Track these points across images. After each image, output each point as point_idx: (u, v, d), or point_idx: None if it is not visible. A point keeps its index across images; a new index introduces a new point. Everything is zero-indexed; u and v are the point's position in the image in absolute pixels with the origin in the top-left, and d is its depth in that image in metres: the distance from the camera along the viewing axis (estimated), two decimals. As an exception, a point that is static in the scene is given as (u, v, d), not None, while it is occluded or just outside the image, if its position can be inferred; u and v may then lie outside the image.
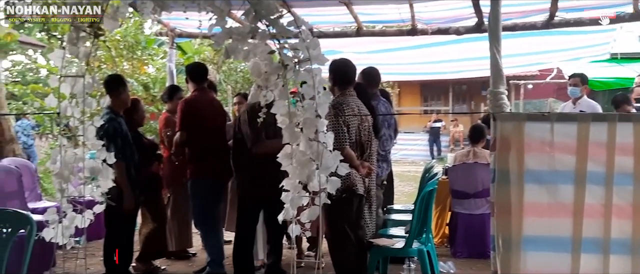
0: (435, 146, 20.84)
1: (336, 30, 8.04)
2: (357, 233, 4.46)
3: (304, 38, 3.72)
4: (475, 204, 6.04)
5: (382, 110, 5.37)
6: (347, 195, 4.36)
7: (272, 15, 3.77)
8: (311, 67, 3.70)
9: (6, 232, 2.66)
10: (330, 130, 4.23)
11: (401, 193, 10.09)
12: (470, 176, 6.14)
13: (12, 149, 8.49)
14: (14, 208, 4.48)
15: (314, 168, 3.72)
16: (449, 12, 7.03)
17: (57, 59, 4.16)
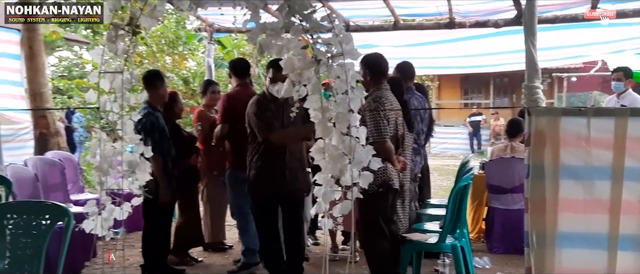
0: (475, 140, 20.57)
1: (373, 24, 8.00)
2: (390, 228, 4.46)
3: (337, 33, 3.73)
4: (513, 199, 5.97)
5: (415, 104, 5.35)
6: (383, 189, 4.36)
7: (305, 10, 3.79)
8: (344, 61, 3.71)
9: (45, 223, 2.74)
10: (371, 123, 4.25)
11: (439, 187, 10.02)
12: (507, 170, 6.07)
13: (56, 143, 8.70)
14: (57, 199, 4.64)
15: (347, 162, 3.74)
16: (487, 5, 6.94)
17: (97, 55, 4.27)
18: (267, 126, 4.72)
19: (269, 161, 4.69)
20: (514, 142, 6.26)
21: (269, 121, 4.69)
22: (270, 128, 4.70)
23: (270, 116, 4.68)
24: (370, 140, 3.99)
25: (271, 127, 4.70)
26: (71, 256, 4.85)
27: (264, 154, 4.70)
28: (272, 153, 4.67)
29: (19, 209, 2.81)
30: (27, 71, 8.53)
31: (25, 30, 8.41)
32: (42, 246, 2.73)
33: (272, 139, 4.72)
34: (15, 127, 8.30)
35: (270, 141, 4.68)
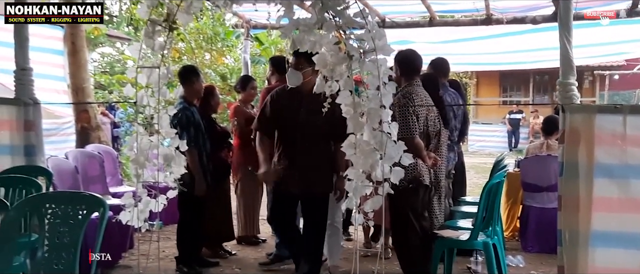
0: (514, 138, 20.27)
1: (408, 20, 7.99)
2: (422, 224, 4.46)
3: (370, 28, 3.75)
4: (548, 197, 5.89)
5: (447, 101, 5.33)
6: (414, 185, 4.36)
7: (338, 6, 3.82)
8: (376, 57, 3.73)
9: (82, 214, 2.82)
10: (400, 119, 4.26)
11: (475, 185, 9.93)
12: (543, 169, 5.99)
13: (97, 136, 8.89)
14: (96, 191, 4.76)
15: (378, 158, 3.75)
16: (525, 1, 6.87)
17: (135, 51, 4.36)
18: (260, 117, 4.73)
19: (288, 159, 4.59)
20: (550, 140, 6.18)
21: (269, 113, 4.65)
22: (262, 121, 4.69)
23: (279, 108, 4.61)
24: (399, 136, 3.99)
25: (264, 120, 4.68)
26: (108, 247, 4.99)
27: (283, 152, 4.63)
28: (290, 152, 4.59)
29: (57, 199, 2.90)
30: (69, 67, 8.72)
31: (69, 26, 8.62)
32: (78, 236, 2.81)
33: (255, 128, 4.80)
34: (59, 121, 8.50)
35: (258, 131, 4.73)
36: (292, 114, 4.52)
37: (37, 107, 4.90)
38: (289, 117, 4.53)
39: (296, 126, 4.52)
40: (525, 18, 7.06)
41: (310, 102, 4.14)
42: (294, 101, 4.51)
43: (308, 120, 4.42)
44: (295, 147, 4.54)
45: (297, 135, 4.53)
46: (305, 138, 4.51)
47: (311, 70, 4.08)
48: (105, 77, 16.46)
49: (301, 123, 4.50)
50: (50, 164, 5.37)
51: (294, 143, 4.54)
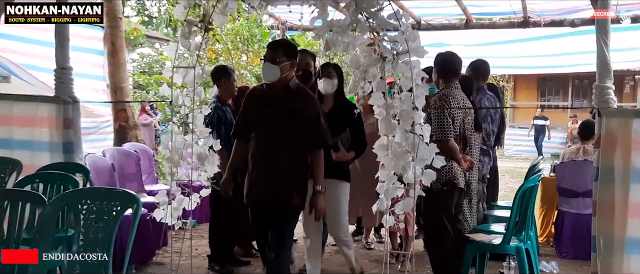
0: (536, 145, 19.24)
1: (444, 22, 7.94)
2: (455, 227, 4.43)
3: (404, 30, 3.75)
4: (584, 203, 5.78)
5: (485, 104, 5.28)
6: (448, 188, 4.34)
7: (372, 8, 3.83)
8: (410, 59, 3.72)
9: (116, 210, 2.88)
10: (435, 121, 4.24)
11: (510, 190, 9.81)
12: (579, 174, 5.89)
13: (134, 135, 9.03)
14: (132, 189, 4.85)
15: (410, 160, 3.75)
16: (563, 3, 6.77)
17: (171, 51, 4.45)
18: (237, 121, 4.15)
19: (253, 165, 3.94)
20: (587, 145, 6.08)
21: (244, 115, 4.02)
22: (238, 125, 4.08)
23: (252, 108, 3.96)
24: (433, 138, 3.98)
25: (239, 124, 4.07)
26: (143, 243, 5.09)
27: (250, 157, 3.97)
28: (254, 156, 3.94)
29: (92, 196, 2.96)
30: (109, 66, 8.88)
31: (109, 27, 8.78)
32: (112, 232, 2.87)
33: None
34: (98, 120, 8.68)
35: (233, 136, 4.12)
36: (264, 113, 3.90)
37: (76, 105, 5.02)
38: (260, 117, 3.92)
39: (266, 126, 3.87)
40: (563, 21, 6.96)
41: (282, 101, 3.81)
42: (263, 100, 3.95)
43: (273, 119, 3.83)
44: (264, 150, 3.88)
45: (260, 136, 3.90)
46: (268, 139, 3.86)
47: (289, 64, 3.81)
48: (143, 77, 16.74)
49: (264, 122, 3.88)
50: (88, 161, 5.49)
51: (264, 146, 3.89)
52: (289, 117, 3.75)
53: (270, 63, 3.74)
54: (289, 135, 3.79)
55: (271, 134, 3.81)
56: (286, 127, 3.79)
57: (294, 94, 3.79)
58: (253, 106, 3.93)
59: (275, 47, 3.84)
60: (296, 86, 3.86)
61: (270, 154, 3.82)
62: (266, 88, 3.91)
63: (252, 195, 3.94)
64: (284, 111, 3.74)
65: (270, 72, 3.70)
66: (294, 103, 3.77)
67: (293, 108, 3.74)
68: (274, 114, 3.81)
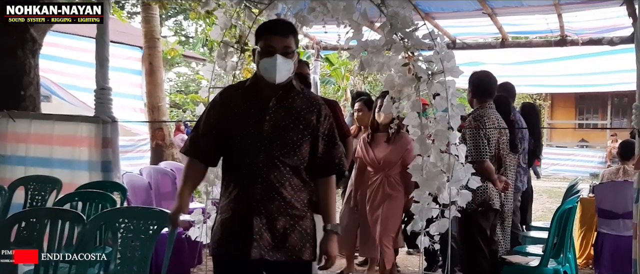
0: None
1: (480, 41, 7.89)
2: (490, 248, 4.38)
3: (439, 50, 3.75)
4: (624, 225, 5.65)
5: (519, 125, 5.22)
6: (483, 209, 4.29)
7: (407, 28, 3.84)
8: (445, 79, 3.72)
9: (152, 229, 2.92)
10: (470, 142, 4.20)
11: (548, 210, 9.65)
12: (618, 195, 5.76)
13: (171, 154, 9.17)
14: (168, 207, 4.90)
15: (445, 180, 3.73)
16: (602, 22, 6.68)
17: (207, 72, 4.52)
18: (193, 134, 2.77)
19: (236, 205, 2.60)
20: (627, 166, 5.95)
21: (210, 126, 2.68)
22: (196, 138, 2.71)
23: (227, 117, 2.63)
24: (469, 159, 3.95)
25: (199, 137, 2.70)
26: (178, 262, 5.12)
27: (233, 189, 2.63)
28: (244, 189, 2.58)
29: (129, 214, 3.01)
30: (146, 86, 9.06)
31: (146, 47, 8.97)
32: (149, 250, 2.91)
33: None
34: (135, 138, 8.85)
35: (186, 154, 2.78)
36: (250, 126, 2.58)
37: (115, 125, 5.11)
38: (244, 131, 2.59)
39: (256, 145, 2.56)
40: (601, 39, 6.86)
41: (282, 109, 2.60)
42: (253, 106, 2.63)
43: (277, 136, 2.58)
44: (254, 181, 2.55)
45: (256, 160, 2.55)
46: (270, 166, 2.56)
47: (298, 57, 2.71)
48: (180, 96, 17.02)
49: (264, 141, 2.57)
50: (125, 179, 5.58)
51: (252, 174, 2.56)
52: (297, 131, 2.58)
53: (284, 56, 2.56)
54: (297, 157, 2.60)
55: (271, 156, 2.55)
56: (293, 146, 2.58)
57: (302, 100, 2.65)
58: (232, 114, 2.62)
59: (287, 31, 2.62)
60: (302, 88, 2.71)
61: (270, 187, 2.55)
62: (253, 89, 2.65)
63: (234, 248, 2.55)
64: (289, 123, 2.58)
65: (285, 68, 2.56)
66: (304, 112, 2.61)
67: (302, 119, 2.60)
68: (279, 129, 2.58)
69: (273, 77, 2.54)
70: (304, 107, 2.64)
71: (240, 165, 2.60)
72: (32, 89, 5.67)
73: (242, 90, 2.70)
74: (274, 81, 2.55)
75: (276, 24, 2.81)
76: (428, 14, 6.31)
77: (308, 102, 2.67)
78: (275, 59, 2.53)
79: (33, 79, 5.68)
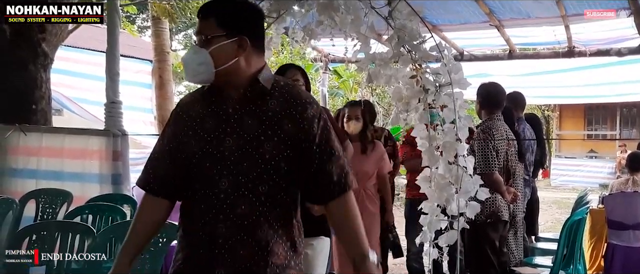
0: None
1: (488, 53, 7.92)
2: (500, 259, 4.37)
3: (446, 62, 3.76)
4: (635, 236, 5.62)
5: (527, 135, 5.23)
6: (492, 220, 4.29)
7: (414, 41, 3.85)
8: (452, 91, 3.73)
9: (162, 241, 2.95)
10: (479, 154, 4.21)
11: (557, 221, 9.62)
12: (628, 206, 5.73)
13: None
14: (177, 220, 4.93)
15: (453, 192, 3.73)
16: (609, 33, 6.70)
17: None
18: (148, 163, 2.04)
19: (195, 245, 1.93)
20: (637, 176, 5.93)
21: (165, 146, 2.01)
22: (150, 167, 2.03)
23: (185, 133, 1.96)
24: (478, 171, 3.96)
25: (154, 164, 2.02)
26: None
27: (188, 229, 1.97)
28: (202, 227, 1.90)
29: (140, 227, 3.03)
30: (156, 99, 9.11)
31: (157, 61, 9.04)
32: (158, 263, 2.93)
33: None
34: (146, 151, 8.85)
35: (142, 187, 2.06)
36: (207, 143, 1.92)
37: (125, 138, 5.15)
38: (201, 150, 1.92)
39: (216, 168, 1.89)
40: (609, 50, 6.88)
41: (249, 116, 1.91)
42: (211, 116, 1.95)
43: (244, 154, 1.89)
44: (215, 218, 1.89)
45: (217, 189, 1.88)
46: (237, 196, 1.88)
47: (236, 44, 1.92)
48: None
49: (226, 161, 1.90)
50: (135, 192, 5.60)
51: (212, 207, 1.89)
52: (272, 144, 1.87)
53: (198, 46, 1.93)
54: (274, 182, 1.89)
55: (237, 182, 1.87)
56: (268, 167, 1.88)
57: (278, 100, 1.93)
58: (188, 128, 1.95)
59: (205, 12, 1.94)
60: (278, 83, 1.97)
61: (237, 226, 1.86)
62: (211, 93, 1.97)
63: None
64: (260, 134, 1.88)
65: (195, 61, 1.90)
66: (280, 116, 1.90)
67: (279, 126, 1.89)
68: (241, 142, 1.88)
69: (186, 76, 1.97)
70: (281, 110, 1.90)
71: (197, 196, 1.90)
72: (44, 103, 5.72)
73: (200, 96, 1.99)
74: (190, 81, 2.01)
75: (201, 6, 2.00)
76: (435, 26, 6.35)
77: (286, 102, 1.91)
78: (186, 52, 1.98)
79: (44, 93, 5.73)
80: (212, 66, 1.88)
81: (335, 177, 1.94)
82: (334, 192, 1.95)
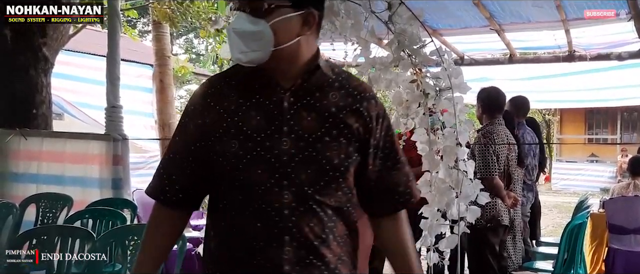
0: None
1: (488, 57, 7.91)
2: (500, 264, 4.37)
3: (446, 67, 3.76)
4: (636, 240, 5.62)
5: (528, 139, 5.23)
6: (492, 225, 4.29)
7: (415, 45, 3.86)
8: (453, 95, 3.73)
9: (163, 245, 2.94)
10: (480, 158, 4.21)
11: (558, 225, 9.61)
12: (629, 210, 5.73)
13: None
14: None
15: (454, 196, 3.73)
16: (610, 37, 6.69)
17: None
18: (162, 168, 1.66)
19: (238, 259, 1.53)
20: (638, 180, 5.93)
21: (188, 145, 1.59)
22: (165, 174, 1.65)
23: (213, 129, 1.54)
24: (478, 175, 3.96)
25: (170, 169, 1.64)
26: (189, 279, 5.14)
27: (226, 238, 1.56)
28: (261, 262, 1.50)
29: (139, 231, 3.03)
30: (157, 103, 9.10)
31: (158, 65, 9.04)
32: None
33: None
34: (146, 155, 8.87)
35: (153, 196, 1.70)
36: (256, 142, 1.51)
37: (126, 142, 5.15)
38: (249, 152, 1.51)
39: (273, 177, 1.50)
40: (610, 54, 6.86)
41: (306, 110, 1.54)
42: (256, 108, 1.55)
43: (307, 158, 1.52)
44: (278, 240, 1.50)
45: (279, 204, 1.50)
46: (303, 211, 1.51)
47: (300, 20, 1.53)
48: (190, 113, 17.08)
49: (286, 168, 1.51)
50: (136, 196, 5.60)
51: (274, 227, 1.50)
52: (339, 146, 1.53)
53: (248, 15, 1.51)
54: (343, 192, 1.58)
55: (302, 194, 1.51)
56: (335, 173, 1.54)
57: (338, 90, 1.57)
58: (223, 122, 1.54)
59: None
60: (335, 70, 1.62)
61: (306, 247, 1.52)
62: (255, 78, 1.57)
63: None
64: (323, 133, 1.52)
65: (248, 37, 1.50)
66: (345, 111, 1.55)
67: (343, 122, 1.54)
68: (301, 143, 1.51)
69: (234, 55, 1.51)
70: (345, 104, 1.54)
71: (247, 212, 1.49)
72: (44, 108, 5.72)
73: (237, 81, 1.57)
74: (237, 60, 1.52)
75: None
76: (436, 30, 6.34)
77: (349, 94, 1.56)
78: (233, 20, 1.52)
79: (45, 98, 5.74)
80: (271, 43, 1.47)
81: (401, 186, 1.66)
82: (397, 204, 1.66)
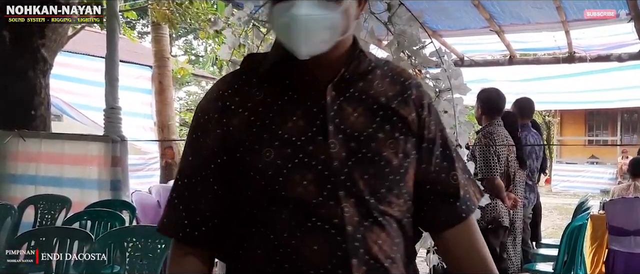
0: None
1: (488, 58, 7.91)
2: (500, 266, 4.35)
3: (446, 68, 3.75)
4: (636, 242, 5.59)
5: (531, 141, 5.22)
6: (493, 226, 4.28)
7: (414, 46, 3.84)
8: (452, 96, 3.71)
9: (160, 248, 2.94)
10: (480, 159, 4.20)
11: (558, 227, 9.59)
12: (630, 211, 5.71)
13: (180, 172, 9.20)
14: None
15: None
16: (610, 38, 6.68)
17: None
18: (175, 196, 1.32)
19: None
20: (638, 182, 5.92)
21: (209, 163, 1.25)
22: (181, 204, 1.30)
23: (239, 139, 1.22)
24: (479, 176, 3.94)
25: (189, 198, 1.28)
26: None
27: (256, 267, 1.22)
28: (289, 259, 1.17)
29: (138, 233, 3.02)
30: (156, 105, 9.11)
31: (157, 66, 9.04)
32: (157, 269, 2.92)
33: None
34: (145, 157, 8.88)
35: (166, 232, 1.37)
36: (301, 148, 1.19)
37: (124, 144, 5.14)
38: (292, 159, 1.18)
39: (325, 187, 1.17)
40: (610, 56, 6.86)
41: (350, 103, 1.24)
42: (290, 106, 1.23)
43: (361, 161, 1.20)
44: (345, 261, 1.15)
45: (339, 219, 1.16)
46: (367, 224, 1.18)
47: (356, 2, 1.23)
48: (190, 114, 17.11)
49: (339, 174, 1.18)
50: (134, 198, 5.59)
51: (337, 248, 1.16)
52: (393, 142, 1.23)
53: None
54: (404, 199, 1.26)
55: (363, 203, 1.19)
56: (394, 176, 1.23)
57: (383, 78, 1.29)
58: (252, 126, 1.23)
59: None
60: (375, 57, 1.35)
61: (374, 268, 1.19)
62: (285, 72, 1.25)
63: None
64: (376, 129, 1.23)
65: (322, 25, 1.14)
66: (396, 101, 1.26)
67: (396, 114, 1.25)
68: (352, 143, 1.20)
69: (297, 46, 1.15)
70: (394, 94, 1.27)
71: (300, 235, 1.18)
72: (43, 109, 5.71)
73: (259, 77, 1.27)
74: (300, 53, 1.16)
75: None
76: (435, 31, 6.33)
77: (395, 82, 1.29)
78: (296, 6, 1.13)
79: (44, 99, 5.73)
80: (341, 31, 1.18)
81: (462, 191, 1.30)
82: (460, 213, 1.30)
